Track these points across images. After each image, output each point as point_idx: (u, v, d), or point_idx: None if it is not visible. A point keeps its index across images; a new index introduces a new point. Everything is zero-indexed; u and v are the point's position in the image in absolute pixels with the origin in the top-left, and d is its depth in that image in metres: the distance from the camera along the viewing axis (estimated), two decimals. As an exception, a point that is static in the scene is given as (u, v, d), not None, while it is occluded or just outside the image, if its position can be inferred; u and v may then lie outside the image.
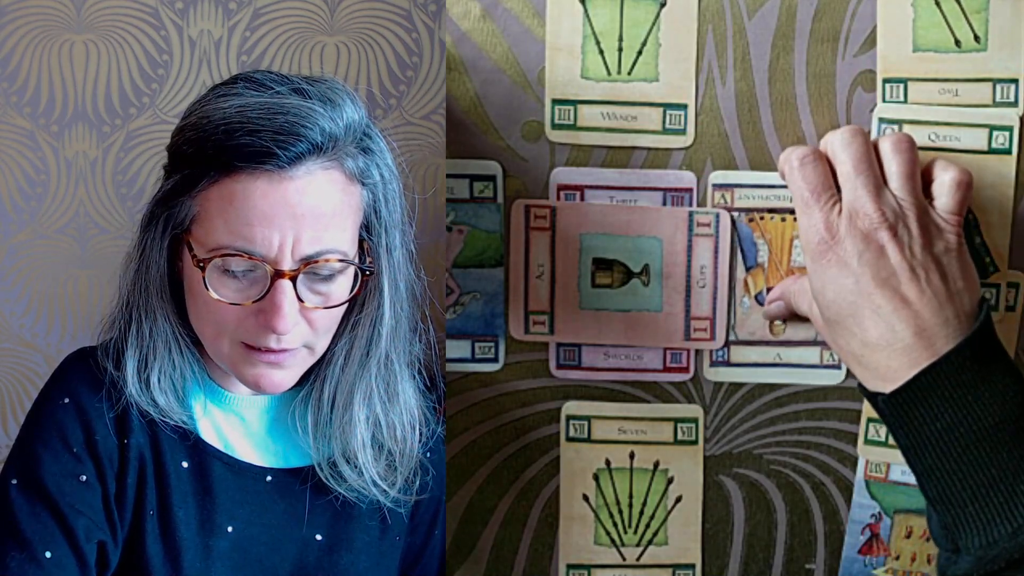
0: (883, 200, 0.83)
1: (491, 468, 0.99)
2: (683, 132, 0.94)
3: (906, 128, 0.92)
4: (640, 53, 0.93)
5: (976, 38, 0.92)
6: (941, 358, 0.78)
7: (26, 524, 0.89)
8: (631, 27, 0.93)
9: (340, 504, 0.97)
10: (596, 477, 0.99)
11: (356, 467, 0.95)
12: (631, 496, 0.99)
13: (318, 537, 0.97)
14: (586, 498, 0.99)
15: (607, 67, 0.93)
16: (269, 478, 0.97)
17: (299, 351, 0.90)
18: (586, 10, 0.93)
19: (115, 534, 0.92)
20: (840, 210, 0.84)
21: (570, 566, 1.00)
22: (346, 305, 0.91)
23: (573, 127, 0.94)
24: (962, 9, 0.92)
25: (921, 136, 0.92)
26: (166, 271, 0.90)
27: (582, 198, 0.95)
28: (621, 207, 0.94)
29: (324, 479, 0.96)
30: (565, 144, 0.94)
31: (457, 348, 0.97)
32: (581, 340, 0.97)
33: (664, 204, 0.94)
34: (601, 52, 0.93)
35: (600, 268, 0.96)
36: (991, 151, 0.92)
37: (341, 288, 0.89)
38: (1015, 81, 0.92)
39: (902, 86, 0.92)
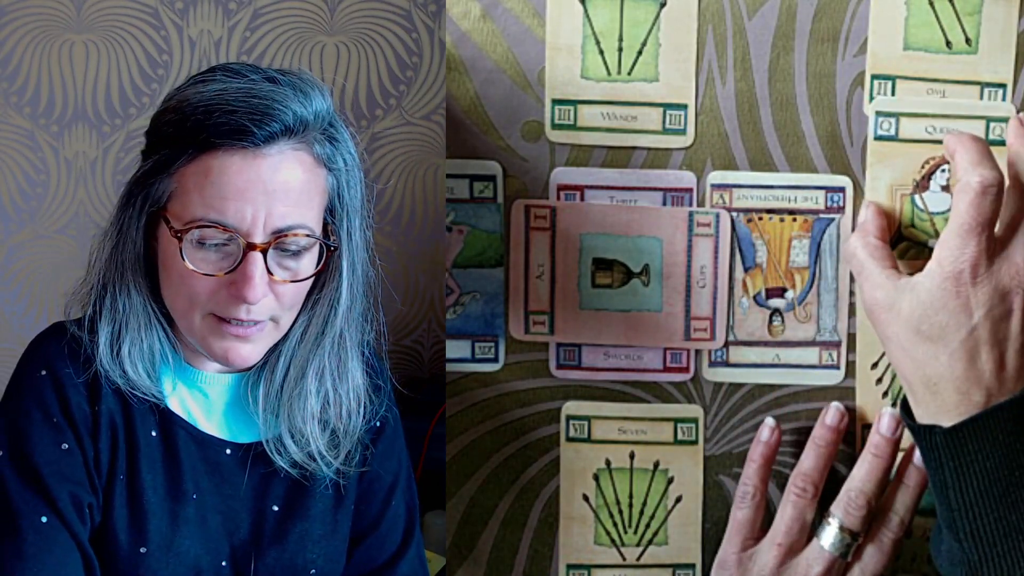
0: None
1: (491, 468, 0.99)
2: (683, 132, 0.94)
3: (902, 120, 0.92)
4: (640, 53, 0.93)
5: (967, 40, 0.92)
6: (1000, 403, 0.84)
7: (15, 495, 0.92)
8: (631, 27, 0.93)
9: (297, 476, 1.01)
10: (596, 477, 0.99)
11: (302, 440, 1.00)
12: (631, 496, 0.99)
13: (274, 508, 1.01)
14: (586, 498, 0.99)
15: (607, 67, 0.93)
16: (228, 451, 1.00)
17: (266, 324, 0.94)
18: (586, 10, 0.93)
19: (98, 497, 0.96)
20: (992, 251, 0.84)
21: (570, 566, 1.00)
22: (311, 282, 0.95)
23: (573, 127, 0.94)
24: (955, 10, 0.92)
25: (918, 129, 0.92)
26: (142, 248, 0.95)
27: (582, 198, 0.95)
28: (621, 207, 0.95)
29: (270, 453, 1.00)
30: (565, 144, 0.94)
31: (457, 348, 0.97)
32: (581, 340, 0.97)
33: (664, 204, 0.95)
34: (601, 52, 0.93)
35: (600, 268, 0.96)
36: (988, 143, 0.92)
37: (307, 265, 0.94)
38: (1003, 86, 0.92)
39: (890, 83, 0.92)
